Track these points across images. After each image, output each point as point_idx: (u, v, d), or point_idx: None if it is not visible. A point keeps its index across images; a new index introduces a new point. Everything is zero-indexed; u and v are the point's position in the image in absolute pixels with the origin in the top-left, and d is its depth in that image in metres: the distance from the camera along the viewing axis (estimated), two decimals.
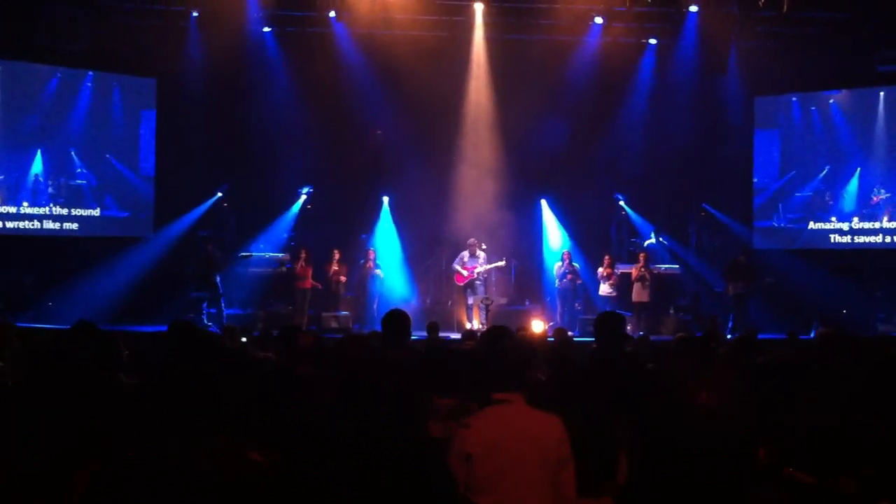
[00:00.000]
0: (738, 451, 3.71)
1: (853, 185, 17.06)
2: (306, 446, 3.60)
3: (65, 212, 16.45)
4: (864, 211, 16.95)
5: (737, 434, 3.84)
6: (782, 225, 17.71)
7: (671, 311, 16.62)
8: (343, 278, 16.47)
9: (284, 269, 16.66)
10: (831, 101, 17.35)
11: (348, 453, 3.52)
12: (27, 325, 12.16)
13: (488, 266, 16.16)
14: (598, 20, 16.34)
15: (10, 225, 15.89)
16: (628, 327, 15.00)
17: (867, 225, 16.85)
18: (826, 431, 3.67)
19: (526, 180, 17.34)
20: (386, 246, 17.63)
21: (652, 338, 12.21)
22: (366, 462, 3.50)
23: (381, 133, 17.35)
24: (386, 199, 17.89)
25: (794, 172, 17.67)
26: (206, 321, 14.98)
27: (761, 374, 5.62)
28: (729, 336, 13.96)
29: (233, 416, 3.64)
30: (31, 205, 16.13)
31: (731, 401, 4.16)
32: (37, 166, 16.19)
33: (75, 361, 4.42)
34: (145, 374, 5.05)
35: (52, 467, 3.58)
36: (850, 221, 17.00)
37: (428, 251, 17.49)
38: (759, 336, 10.35)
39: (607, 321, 5.62)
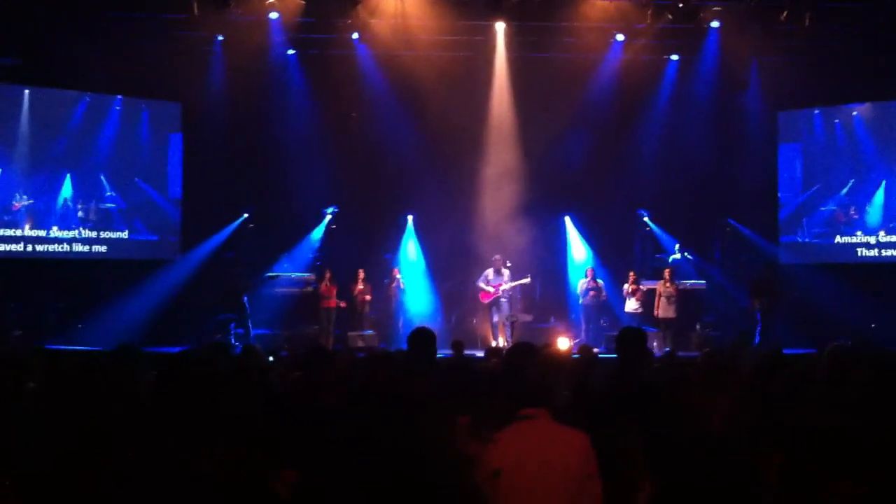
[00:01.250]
0: (748, 479, 3.70)
1: (879, 198, 16.89)
2: (333, 468, 3.63)
3: (94, 234, 16.64)
4: (890, 224, 16.77)
5: (748, 462, 3.83)
6: (807, 240, 17.58)
7: (697, 327, 16.53)
8: (368, 297, 16.56)
9: (310, 289, 16.76)
10: (854, 113, 17.23)
11: (377, 474, 3.54)
12: (56, 347, 12.29)
13: (514, 283, 16.18)
14: (620, 37, 16.39)
15: (39, 248, 16.08)
16: (654, 343, 15.05)
17: (895, 238, 16.71)
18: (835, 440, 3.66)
19: (549, 197, 17.37)
20: (410, 264, 17.71)
21: (679, 353, 12.17)
22: (395, 481, 3.53)
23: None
24: (410, 218, 17.97)
25: (817, 186, 17.55)
26: (233, 342, 15.09)
27: (781, 392, 5.60)
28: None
29: (249, 434, 3.68)
30: (61, 228, 16.31)
31: (746, 425, 4.16)
32: (66, 190, 16.40)
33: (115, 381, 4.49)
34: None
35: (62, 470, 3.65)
36: (877, 235, 16.85)
37: (452, 269, 17.53)
38: (786, 351, 10.28)
39: (628, 337, 5.63)
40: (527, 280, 16.38)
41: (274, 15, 15.34)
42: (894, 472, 3.29)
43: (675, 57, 17.32)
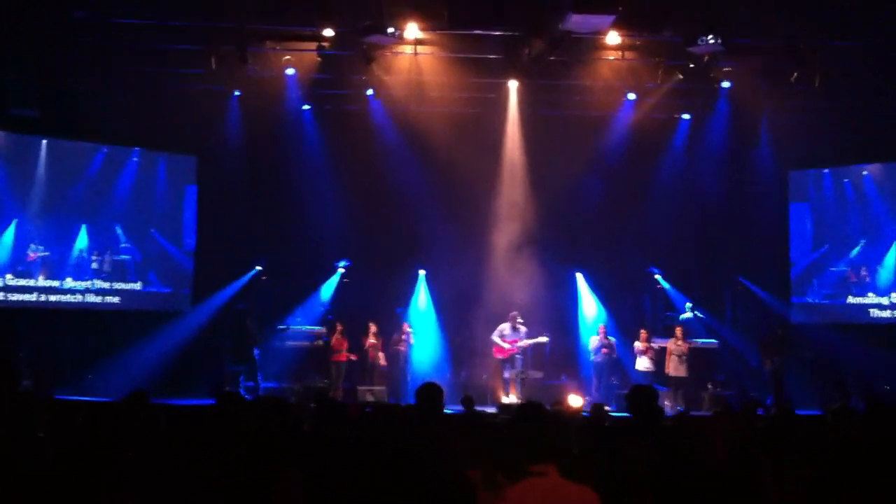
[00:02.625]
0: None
1: (890, 259, 16.82)
2: None
3: (107, 285, 16.72)
4: None
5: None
6: (817, 301, 17.50)
7: (709, 387, 16.40)
8: (380, 351, 16.54)
9: (321, 342, 16.75)
10: (865, 173, 17.26)
11: None
12: (67, 397, 12.31)
13: (531, 341, 16.11)
14: (631, 96, 16.55)
15: (52, 298, 16.15)
16: (665, 403, 14.94)
17: None
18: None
19: (561, 253, 17.40)
20: (422, 319, 17.71)
21: (692, 413, 12.07)
22: None
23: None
24: (422, 273, 18.01)
25: (827, 246, 17.52)
26: (243, 394, 15.04)
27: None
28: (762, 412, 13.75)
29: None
30: (75, 279, 16.38)
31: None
32: (81, 241, 16.51)
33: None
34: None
35: None
36: (889, 296, 16.76)
37: (463, 324, 17.51)
38: (798, 412, 10.21)
39: (638, 395, 5.62)
40: (544, 339, 16.29)
41: (290, 71, 15.58)
42: None
43: (686, 115, 17.48)
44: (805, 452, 5.61)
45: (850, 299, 17.16)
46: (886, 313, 16.74)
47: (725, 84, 15.97)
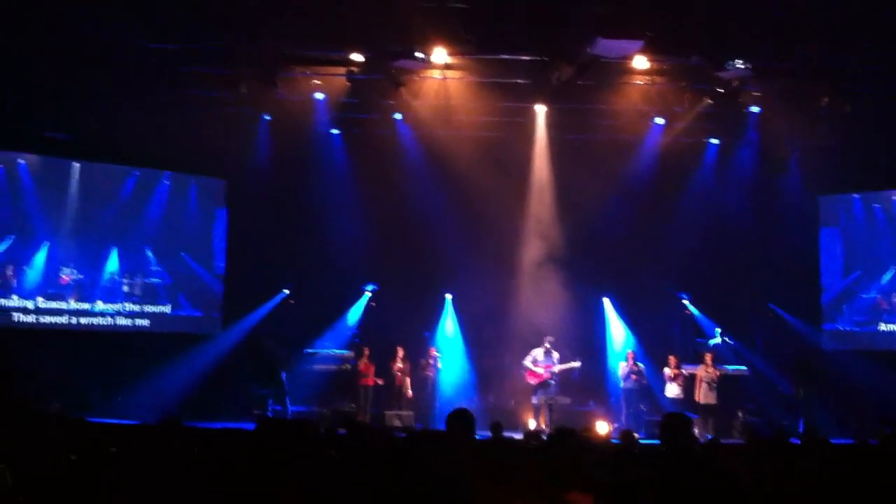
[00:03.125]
0: None
1: None
2: None
3: (137, 308, 16.83)
4: None
5: None
6: (848, 328, 17.30)
7: (739, 414, 16.22)
8: (407, 377, 16.52)
9: (348, 366, 16.76)
10: (894, 198, 17.11)
11: None
12: (97, 419, 12.35)
13: (564, 366, 16.02)
14: (659, 121, 16.52)
15: (83, 321, 16.27)
16: (696, 430, 14.77)
17: None
18: None
19: (589, 278, 17.35)
20: (449, 344, 17.68)
21: (722, 441, 11.93)
22: None
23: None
24: (449, 297, 18.00)
25: (858, 273, 17.35)
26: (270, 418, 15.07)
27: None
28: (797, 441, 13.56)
29: None
30: (105, 302, 16.49)
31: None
32: (112, 264, 16.62)
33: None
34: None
35: None
36: None
37: (490, 349, 17.47)
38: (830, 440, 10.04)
39: (672, 423, 5.56)
40: (577, 364, 16.20)
41: (319, 95, 15.70)
42: None
43: (715, 140, 17.41)
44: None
45: (882, 326, 16.95)
46: None
47: (754, 109, 15.90)
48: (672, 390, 15.98)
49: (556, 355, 16.01)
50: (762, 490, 4.37)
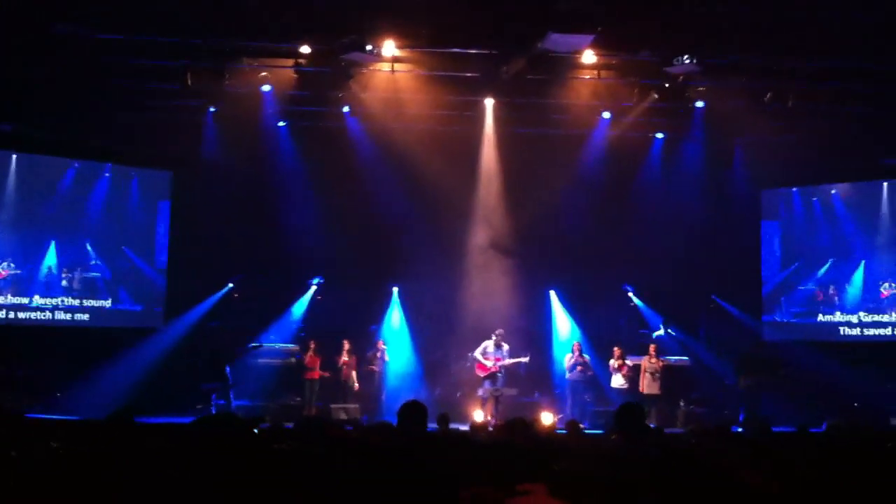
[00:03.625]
0: None
1: (858, 278, 17.01)
2: None
3: (76, 303, 16.49)
4: (870, 305, 16.86)
5: None
6: (786, 320, 17.65)
7: (681, 404, 16.47)
8: (353, 370, 16.45)
9: (294, 360, 16.64)
10: (833, 191, 17.47)
11: None
12: (37, 416, 12.09)
13: (513, 360, 16.07)
14: (606, 115, 16.66)
15: (21, 316, 15.91)
16: None
17: (877, 318, 16.77)
18: None
19: (535, 271, 17.46)
20: (395, 336, 17.65)
21: (666, 430, 12.08)
22: None
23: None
24: (396, 290, 17.97)
25: (796, 265, 17.69)
26: (213, 412, 14.88)
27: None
28: (739, 430, 13.83)
29: None
30: (43, 297, 16.13)
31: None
32: (50, 258, 16.27)
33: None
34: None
35: None
36: (857, 314, 16.93)
37: (437, 342, 17.48)
38: (774, 429, 10.24)
39: (630, 413, 5.61)
40: (526, 359, 16.26)
41: (267, 87, 15.51)
42: None
43: (660, 135, 17.62)
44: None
45: (821, 317, 17.32)
46: (856, 331, 16.92)
47: (700, 104, 16.13)
48: (617, 381, 16.15)
49: (505, 347, 16.05)
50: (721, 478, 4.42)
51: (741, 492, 4.15)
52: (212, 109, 16.43)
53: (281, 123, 17.13)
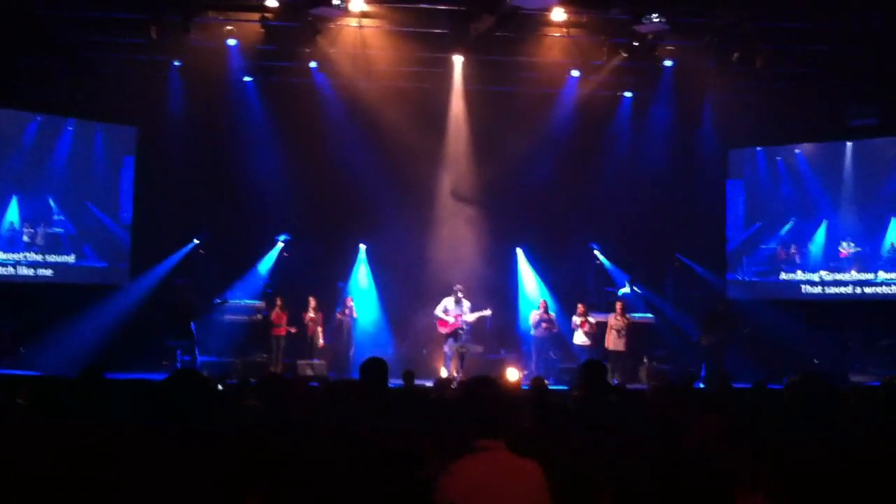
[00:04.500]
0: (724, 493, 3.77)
1: (819, 237, 17.18)
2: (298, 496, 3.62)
3: (40, 258, 16.31)
4: (830, 264, 17.06)
5: (723, 475, 3.89)
6: (748, 279, 17.84)
7: (645, 361, 16.69)
8: (320, 326, 16.46)
9: (260, 316, 16.61)
10: (797, 151, 17.58)
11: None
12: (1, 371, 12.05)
13: (475, 315, 16.10)
14: (575, 73, 16.63)
15: None
16: None
17: (837, 276, 17.01)
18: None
19: (502, 228, 17.50)
20: (362, 294, 17.66)
21: (628, 387, 12.26)
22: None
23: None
24: (363, 247, 17.96)
25: (760, 224, 17.81)
26: (178, 368, 14.86)
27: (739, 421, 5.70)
28: (701, 385, 14.05)
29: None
30: (5, 252, 15.91)
31: (715, 443, 4.23)
32: (12, 213, 16.02)
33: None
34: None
35: None
36: (818, 273, 17.16)
37: (404, 299, 17.52)
38: (733, 385, 10.41)
39: (591, 369, 5.68)
40: (488, 312, 16.28)
41: (232, 41, 15.31)
42: None
43: (629, 94, 17.62)
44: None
45: (783, 276, 17.54)
46: (817, 289, 17.16)
47: (668, 63, 16.13)
48: (579, 338, 16.29)
49: (466, 304, 16.08)
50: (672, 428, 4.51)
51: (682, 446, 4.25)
52: (176, 64, 16.18)
53: (247, 78, 16.92)
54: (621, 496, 4.00)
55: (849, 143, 16.99)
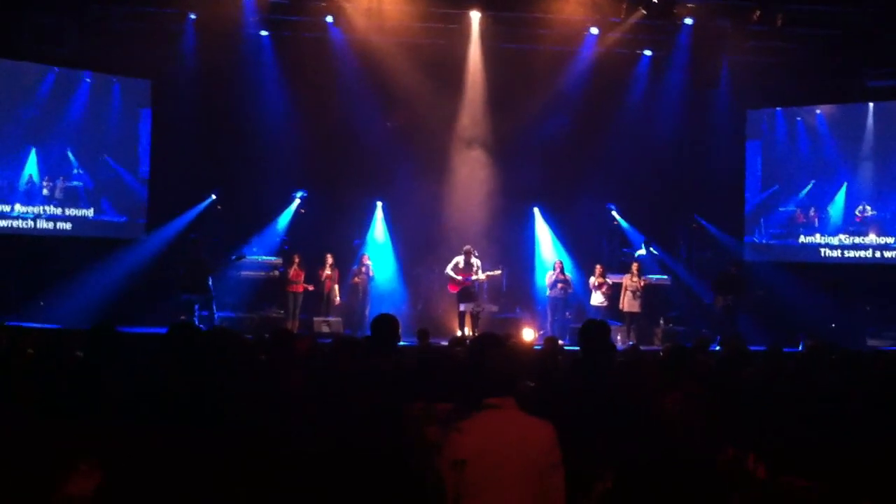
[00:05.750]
0: (702, 457, 3.77)
1: (839, 200, 16.99)
2: (287, 458, 3.64)
3: (58, 211, 16.37)
4: (850, 228, 16.91)
5: (699, 440, 3.89)
6: (765, 241, 17.71)
7: (661, 322, 16.67)
8: (336, 283, 16.49)
9: (277, 272, 16.65)
10: (818, 111, 17.33)
11: (328, 464, 3.57)
12: (16, 323, 12.13)
13: (485, 274, 16.08)
14: (594, 31, 16.42)
15: (2, 224, 15.79)
16: (618, 337, 15.16)
17: (857, 240, 16.85)
18: (807, 439, 3.73)
19: (519, 188, 17.40)
20: (379, 251, 17.67)
21: (642, 348, 12.26)
22: (346, 473, 3.55)
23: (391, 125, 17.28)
24: (379, 205, 17.93)
25: (777, 186, 17.64)
26: (197, 323, 14.95)
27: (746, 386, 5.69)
28: (717, 348, 14.03)
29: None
30: (24, 205, 15.98)
31: (697, 407, 4.21)
32: (30, 166, 16.07)
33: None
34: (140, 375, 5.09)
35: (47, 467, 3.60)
36: (837, 237, 17.00)
37: (420, 257, 17.52)
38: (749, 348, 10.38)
39: (591, 330, 5.67)
40: (498, 272, 16.29)
41: None
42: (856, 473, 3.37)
43: (647, 52, 17.41)
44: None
45: (802, 239, 17.39)
46: (836, 253, 17.02)
47: (688, 21, 15.91)
48: (597, 298, 16.29)
49: (476, 263, 16.02)
50: (674, 395, 4.49)
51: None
52: (192, 16, 16.08)
53: (263, 32, 16.80)
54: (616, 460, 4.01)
55: (871, 105, 16.74)
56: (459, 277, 15.93)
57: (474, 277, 15.94)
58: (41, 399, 4.35)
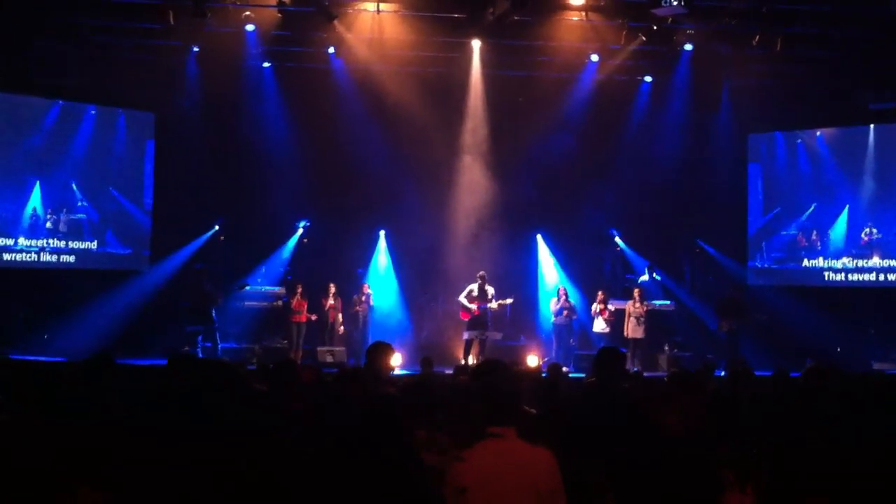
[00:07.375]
0: (700, 474, 3.76)
1: (841, 223, 16.96)
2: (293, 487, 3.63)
3: (62, 244, 16.41)
4: (853, 251, 16.84)
5: (699, 457, 3.88)
6: (767, 265, 17.67)
7: (665, 348, 16.61)
8: (339, 312, 16.48)
9: (280, 303, 16.64)
10: (818, 134, 17.34)
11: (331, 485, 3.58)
12: (20, 357, 12.13)
13: (498, 303, 15.97)
14: (594, 58, 16.51)
15: (6, 257, 15.82)
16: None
17: (860, 263, 16.81)
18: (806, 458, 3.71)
19: (521, 214, 17.46)
20: (381, 280, 17.67)
21: (646, 374, 12.23)
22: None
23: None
24: (382, 234, 17.97)
25: (778, 209, 17.62)
26: (200, 355, 14.93)
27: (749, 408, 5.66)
28: (721, 373, 13.95)
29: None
30: (28, 238, 16.00)
31: (698, 425, 4.21)
32: (35, 199, 16.12)
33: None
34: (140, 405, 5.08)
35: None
36: (840, 260, 16.95)
37: (423, 285, 17.52)
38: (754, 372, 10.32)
39: (607, 357, 5.65)
40: (509, 301, 16.15)
41: (250, 27, 15.31)
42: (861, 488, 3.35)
43: (648, 78, 17.50)
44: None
45: (805, 262, 17.34)
46: (840, 276, 16.96)
47: (688, 47, 16.00)
48: (599, 325, 16.25)
49: (490, 291, 15.96)
50: (678, 418, 4.48)
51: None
52: (194, 49, 16.22)
53: (265, 64, 16.93)
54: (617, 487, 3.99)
55: (871, 127, 16.76)
56: (473, 306, 15.73)
57: (488, 305, 15.81)
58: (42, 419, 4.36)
